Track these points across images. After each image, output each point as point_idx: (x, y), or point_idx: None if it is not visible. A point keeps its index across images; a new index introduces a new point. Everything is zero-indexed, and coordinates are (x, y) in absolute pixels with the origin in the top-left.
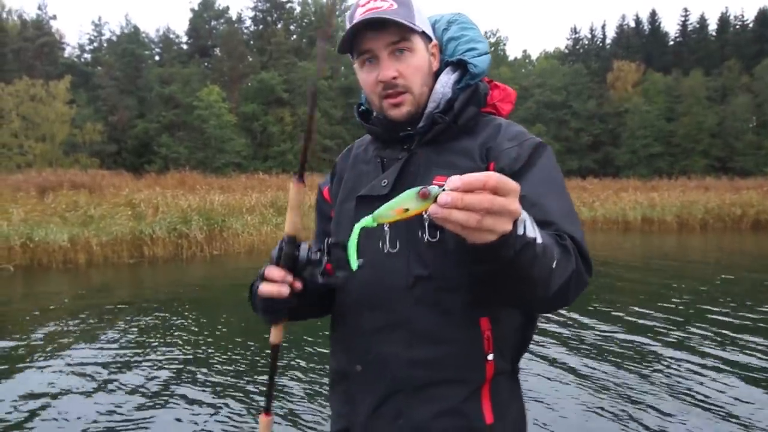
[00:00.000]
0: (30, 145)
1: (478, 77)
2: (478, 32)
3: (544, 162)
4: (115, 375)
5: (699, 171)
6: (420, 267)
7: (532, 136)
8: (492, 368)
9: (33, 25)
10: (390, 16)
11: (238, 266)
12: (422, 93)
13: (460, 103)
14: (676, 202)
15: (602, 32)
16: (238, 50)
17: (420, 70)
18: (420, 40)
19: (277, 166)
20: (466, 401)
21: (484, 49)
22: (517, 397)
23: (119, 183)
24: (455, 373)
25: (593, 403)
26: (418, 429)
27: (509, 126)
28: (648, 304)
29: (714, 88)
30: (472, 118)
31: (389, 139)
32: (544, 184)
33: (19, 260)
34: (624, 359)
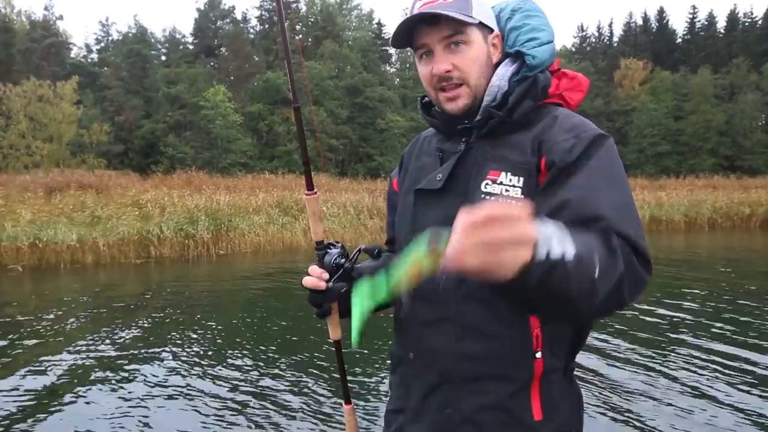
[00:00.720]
0: (37, 146)
1: (537, 69)
2: (542, 20)
3: (602, 154)
4: (124, 371)
5: (707, 170)
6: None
7: (593, 127)
8: (541, 366)
9: (40, 26)
10: (442, 11)
11: (245, 266)
12: (479, 85)
13: (515, 96)
14: (684, 201)
15: (609, 30)
16: (244, 50)
17: (476, 62)
18: (477, 31)
19: (283, 165)
20: (514, 397)
21: (547, 38)
22: (571, 395)
23: (126, 183)
24: (502, 369)
25: (600, 402)
26: (465, 420)
27: (568, 117)
28: (658, 303)
29: (722, 86)
30: (528, 111)
31: (448, 131)
32: (599, 177)
33: (27, 260)
34: (632, 358)
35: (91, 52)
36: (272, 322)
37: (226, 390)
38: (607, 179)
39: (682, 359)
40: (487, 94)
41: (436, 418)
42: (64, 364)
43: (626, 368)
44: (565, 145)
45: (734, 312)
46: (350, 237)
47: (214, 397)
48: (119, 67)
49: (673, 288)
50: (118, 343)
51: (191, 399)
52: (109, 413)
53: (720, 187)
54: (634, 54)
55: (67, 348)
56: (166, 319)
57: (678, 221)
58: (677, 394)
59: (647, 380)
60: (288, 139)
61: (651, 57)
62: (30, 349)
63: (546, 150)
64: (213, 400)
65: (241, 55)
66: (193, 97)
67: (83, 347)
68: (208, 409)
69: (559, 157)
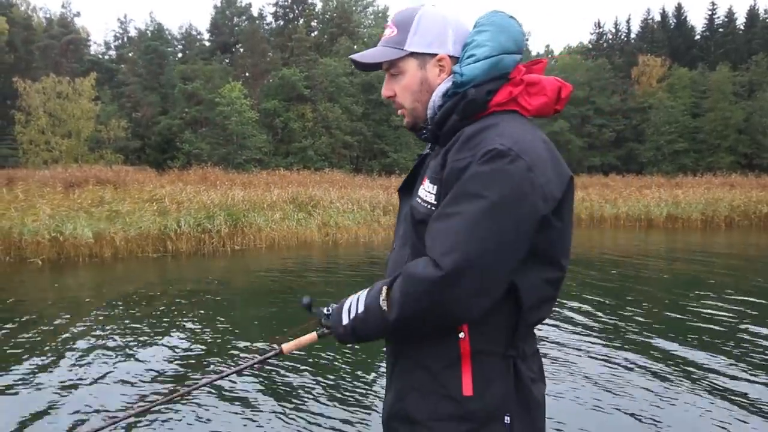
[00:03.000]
0: (56, 142)
1: (466, 85)
2: (491, 34)
3: (474, 170)
4: (141, 363)
5: (725, 168)
6: (410, 255)
7: (498, 143)
8: (467, 346)
9: (58, 23)
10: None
11: (260, 261)
12: (415, 108)
13: (441, 112)
14: (701, 199)
15: (627, 27)
16: (260, 47)
17: (408, 89)
18: (411, 60)
19: (298, 162)
20: (445, 371)
21: (485, 53)
22: (509, 378)
23: (143, 179)
24: (436, 346)
25: (609, 400)
26: (412, 388)
27: (482, 132)
28: (674, 301)
29: (741, 83)
30: (456, 125)
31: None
32: (452, 198)
33: (47, 254)
34: (647, 359)
35: (109, 49)
36: (287, 315)
37: (241, 383)
38: (454, 201)
39: (701, 359)
40: (428, 109)
41: (396, 386)
42: (82, 354)
43: (637, 365)
44: (458, 164)
45: (751, 313)
46: (364, 233)
47: (229, 391)
48: (136, 64)
49: (690, 285)
50: (135, 335)
51: (206, 392)
52: (126, 404)
53: (738, 185)
54: (652, 51)
55: (85, 338)
56: (184, 312)
57: (694, 220)
58: (699, 391)
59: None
60: (303, 135)
61: (669, 54)
62: (49, 339)
63: (447, 166)
64: (227, 393)
65: (256, 52)
66: (209, 94)
67: (101, 338)
68: (222, 401)
69: (447, 176)
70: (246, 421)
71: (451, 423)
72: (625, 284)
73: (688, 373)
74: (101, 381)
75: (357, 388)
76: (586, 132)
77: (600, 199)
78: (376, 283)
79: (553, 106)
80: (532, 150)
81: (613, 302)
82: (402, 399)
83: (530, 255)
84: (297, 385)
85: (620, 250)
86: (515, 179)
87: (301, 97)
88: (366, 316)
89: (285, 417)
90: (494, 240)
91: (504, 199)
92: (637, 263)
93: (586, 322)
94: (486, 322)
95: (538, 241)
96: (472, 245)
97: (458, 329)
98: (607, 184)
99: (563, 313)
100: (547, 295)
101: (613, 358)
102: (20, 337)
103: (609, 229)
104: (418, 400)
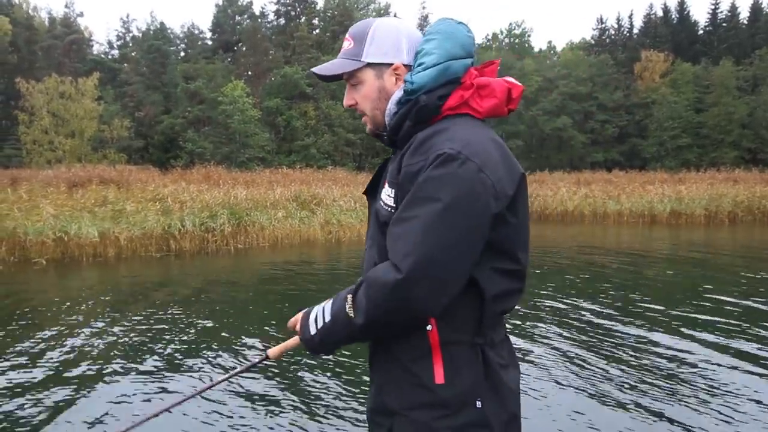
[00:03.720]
0: (60, 141)
1: (417, 92)
2: (438, 42)
3: (427, 174)
4: (145, 362)
5: (729, 163)
6: (379, 255)
7: (447, 147)
8: (436, 337)
9: (61, 23)
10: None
11: (263, 260)
12: (375, 115)
13: (395, 120)
14: (705, 195)
15: (629, 22)
16: (262, 45)
17: (368, 97)
18: (368, 70)
19: (300, 160)
20: (417, 362)
21: (433, 61)
22: (478, 365)
23: (146, 178)
24: (405, 339)
25: (617, 398)
26: (389, 381)
27: (433, 136)
28: (678, 300)
29: (745, 78)
30: (410, 130)
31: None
32: (407, 203)
33: (51, 254)
34: (647, 357)
35: (112, 49)
36: (290, 313)
37: (242, 380)
38: (409, 207)
39: (703, 358)
40: (386, 116)
41: (376, 380)
42: (85, 353)
43: (638, 362)
44: (411, 168)
45: (754, 310)
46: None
47: (231, 389)
48: (139, 63)
49: (695, 282)
50: (140, 333)
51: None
52: (128, 402)
53: (741, 180)
54: (655, 46)
55: (89, 337)
56: (189, 310)
57: (698, 215)
58: (696, 388)
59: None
60: (305, 133)
61: (672, 49)
62: (56, 337)
63: (402, 170)
64: (229, 391)
65: (258, 51)
66: (212, 93)
67: (105, 337)
68: (225, 399)
69: (404, 179)
70: (232, 422)
71: (426, 410)
72: (628, 280)
73: (692, 369)
74: (107, 379)
75: (346, 385)
76: (589, 128)
77: (603, 195)
78: (339, 293)
79: (504, 106)
80: (483, 151)
81: (614, 300)
82: (381, 392)
83: (487, 250)
84: (290, 384)
85: (623, 246)
86: (466, 181)
87: (304, 95)
88: (333, 325)
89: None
90: (449, 240)
91: (457, 200)
92: (641, 259)
93: (585, 318)
94: (452, 315)
95: (494, 237)
96: (427, 247)
97: (426, 322)
98: (610, 180)
99: (563, 311)
100: (511, 287)
101: (613, 355)
102: (26, 336)
103: (612, 225)
104: (394, 391)
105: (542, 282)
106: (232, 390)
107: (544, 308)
